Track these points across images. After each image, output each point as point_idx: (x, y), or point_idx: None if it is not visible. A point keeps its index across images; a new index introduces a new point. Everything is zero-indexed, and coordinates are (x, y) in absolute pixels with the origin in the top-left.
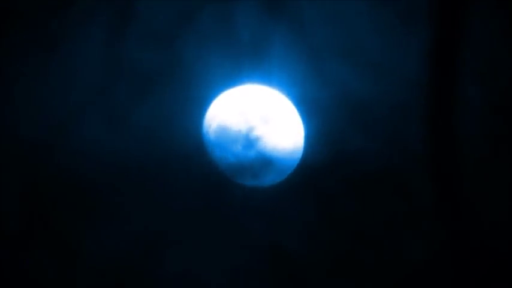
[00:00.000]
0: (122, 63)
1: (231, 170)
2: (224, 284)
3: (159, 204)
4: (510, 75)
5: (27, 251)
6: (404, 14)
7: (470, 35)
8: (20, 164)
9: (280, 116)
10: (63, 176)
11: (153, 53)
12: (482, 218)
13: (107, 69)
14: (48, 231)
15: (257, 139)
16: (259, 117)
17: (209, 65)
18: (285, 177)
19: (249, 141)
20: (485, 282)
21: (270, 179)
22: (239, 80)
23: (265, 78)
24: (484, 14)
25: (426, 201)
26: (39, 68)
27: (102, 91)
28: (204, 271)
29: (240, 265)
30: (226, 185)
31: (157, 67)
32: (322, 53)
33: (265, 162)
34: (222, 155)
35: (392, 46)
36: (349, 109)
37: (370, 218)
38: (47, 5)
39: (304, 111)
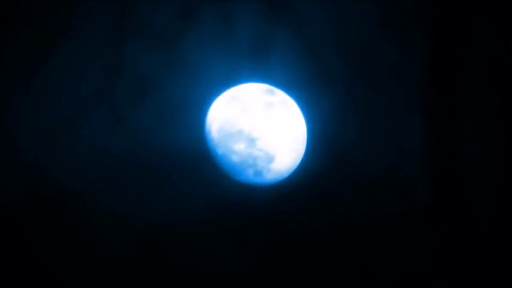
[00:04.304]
0: (122, 63)
1: (233, 169)
2: (223, 283)
3: (161, 203)
4: (510, 76)
5: (28, 251)
6: (405, 13)
7: (470, 35)
8: (19, 163)
9: (281, 114)
10: (62, 177)
11: (153, 53)
12: (481, 218)
13: (107, 70)
14: (49, 231)
15: (259, 138)
16: (260, 116)
17: (210, 64)
18: (287, 176)
19: (251, 140)
20: (484, 281)
21: (271, 178)
22: (240, 79)
23: (266, 77)
24: (485, 14)
25: (426, 201)
26: (39, 68)
27: (102, 91)
28: (204, 270)
29: (239, 265)
30: (228, 183)
31: (158, 67)
32: (322, 52)
33: (267, 160)
34: (224, 154)
35: (392, 45)
36: (350, 108)
37: (370, 218)
38: (47, 5)
39: (305, 110)
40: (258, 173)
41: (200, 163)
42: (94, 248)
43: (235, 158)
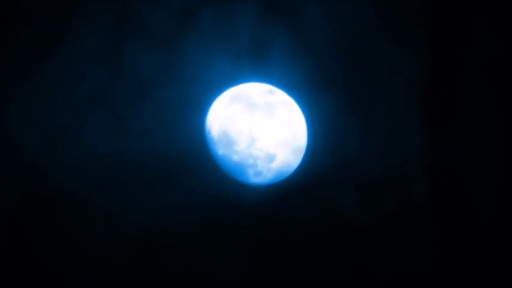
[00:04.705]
0: (122, 63)
1: (233, 169)
2: (223, 283)
3: (161, 204)
4: (510, 75)
5: (27, 251)
6: (405, 13)
7: (470, 34)
8: (19, 164)
9: (281, 114)
10: (61, 177)
11: (153, 53)
12: (481, 218)
13: (106, 70)
14: (48, 232)
15: (259, 138)
16: (260, 116)
17: (210, 64)
18: (287, 176)
19: (251, 140)
20: (484, 280)
21: (271, 178)
22: (240, 79)
23: (266, 77)
24: (484, 14)
25: (426, 201)
26: (38, 68)
27: (102, 91)
28: (203, 269)
29: (239, 264)
30: (228, 183)
31: (158, 67)
32: (322, 52)
33: (267, 160)
34: (224, 154)
35: (392, 46)
36: (350, 108)
37: (370, 218)
38: (47, 5)
39: (305, 110)
40: (258, 173)
41: (200, 163)
42: (93, 248)
43: (235, 158)
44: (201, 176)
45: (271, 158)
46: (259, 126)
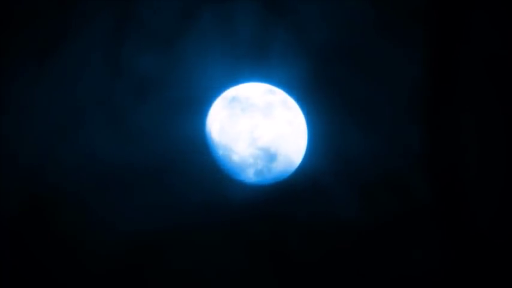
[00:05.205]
0: (121, 63)
1: (233, 169)
2: (224, 284)
3: (161, 205)
4: (510, 75)
5: (28, 252)
6: (405, 14)
7: (470, 35)
8: (18, 167)
9: (281, 114)
10: (62, 178)
11: (153, 54)
12: (481, 218)
13: (106, 70)
14: (48, 234)
15: (259, 137)
16: (260, 115)
17: (210, 64)
18: (287, 176)
19: (251, 140)
20: (485, 280)
21: (272, 178)
22: (240, 79)
23: (266, 77)
24: (484, 14)
25: (426, 202)
26: (38, 68)
27: (102, 92)
28: (204, 271)
29: (240, 265)
30: (229, 183)
31: (158, 67)
32: (322, 52)
33: (268, 160)
34: (224, 154)
35: (392, 46)
36: (350, 108)
37: (370, 218)
38: (47, 5)
39: (305, 109)
40: (258, 173)
41: (200, 163)
42: (94, 250)
43: (235, 158)
44: (201, 176)
45: (271, 158)
46: (259, 126)
